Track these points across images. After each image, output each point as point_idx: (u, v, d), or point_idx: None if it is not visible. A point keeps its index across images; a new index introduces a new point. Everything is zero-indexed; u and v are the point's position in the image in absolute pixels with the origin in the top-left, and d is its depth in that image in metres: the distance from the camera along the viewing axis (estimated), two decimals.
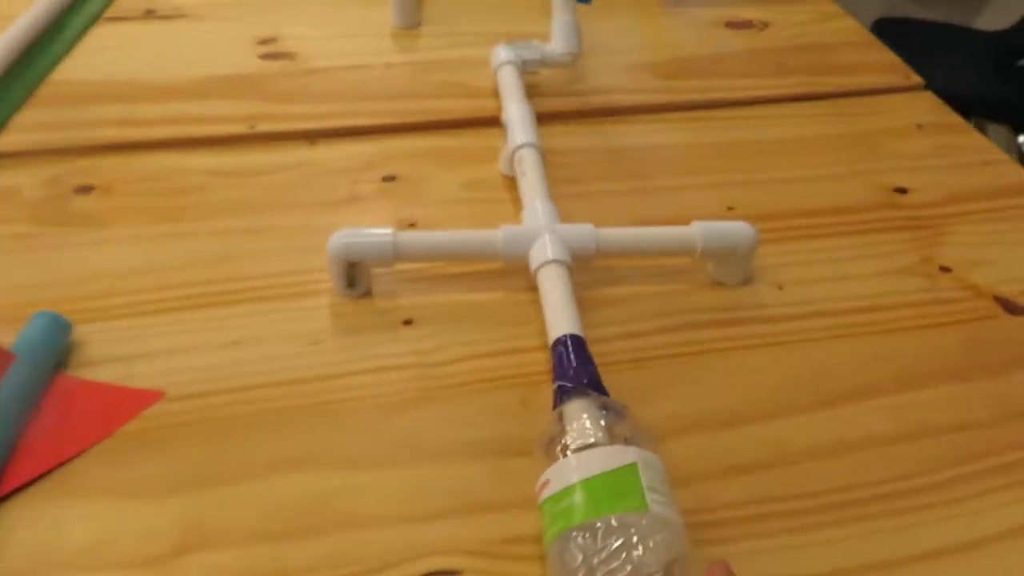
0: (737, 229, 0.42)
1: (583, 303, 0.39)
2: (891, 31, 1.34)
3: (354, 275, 0.41)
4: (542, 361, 0.39)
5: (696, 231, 0.42)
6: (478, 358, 0.39)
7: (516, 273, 0.44)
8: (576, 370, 0.34)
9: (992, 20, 1.70)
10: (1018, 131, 1.33)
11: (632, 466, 0.29)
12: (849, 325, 0.43)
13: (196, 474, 0.33)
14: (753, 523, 0.33)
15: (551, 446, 0.31)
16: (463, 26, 0.66)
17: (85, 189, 0.48)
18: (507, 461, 0.35)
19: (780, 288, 0.45)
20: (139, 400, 0.36)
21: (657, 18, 0.70)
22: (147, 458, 0.34)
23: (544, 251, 0.40)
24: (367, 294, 0.42)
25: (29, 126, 0.52)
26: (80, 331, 0.39)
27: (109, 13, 0.63)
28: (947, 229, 0.50)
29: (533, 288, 0.42)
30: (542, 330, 0.40)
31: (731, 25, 0.70)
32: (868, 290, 0.45)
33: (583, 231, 0.41)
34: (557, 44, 0.57)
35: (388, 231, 0.40)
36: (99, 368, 0.37)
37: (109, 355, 0.38)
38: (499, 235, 0.41)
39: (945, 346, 0.42)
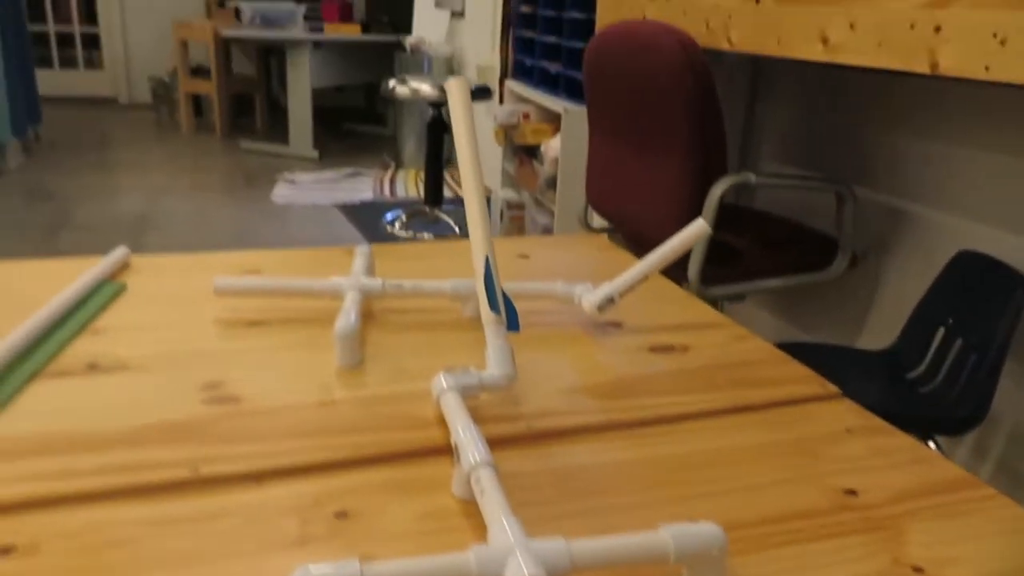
0: (706, 531, 0.42)
1: None
2: (790, 353, 1.46)
3: None
4: None
5: (667, 536, 0.41)
6: None
7: None
8: None
9: (870, 341, 1.88)
10: (925, 438, 1.41)
11: None
12: None
13: None
14: None
15: None
16: (404, 362, 0.68)
17: (5, 551, 0.44)
18: None
19: None
20: None
21: (586, 346, 0.75)
22: None
23: (519, 571, 0.38)
24: None
25: None
26: None
27: (51, 369, 0.63)
28: (905, 527, 0.50)
29: None
30: None
31: (655, 350, 0.75)
32: None
33: (556, 546, 0.40)
34: (493, 368, 0.60)
35: (354, 563, 0.37)
36: None
37: None
38: (471, 557, 0.39)
39: None
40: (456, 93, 0.65)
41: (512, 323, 0.65)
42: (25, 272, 0.83)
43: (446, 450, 0.55)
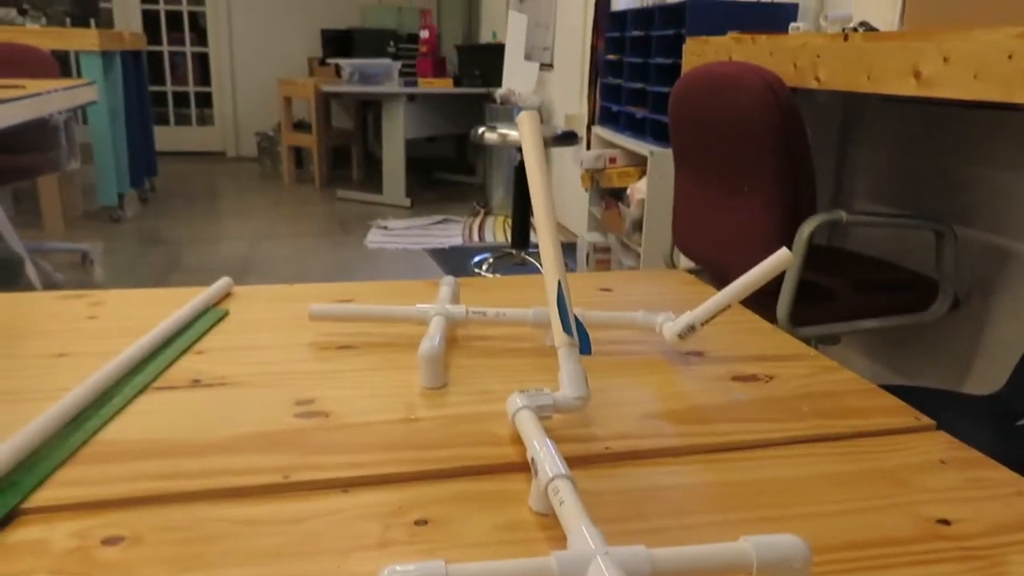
0: (789, 542, 0.41)
1: None
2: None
3: None
4: None
5: (748, 546, 0.41)
6: None
7: None
8: None
9: (975, 386, 1.79)
10: None
11: None
12: None
13: None
14: None
15: None
16: (485, 384, 0.70)
17: (113, 540, 0.47)
18: None
19: None
20: None
21: (666, 374, 0.75)
22: None
23: (601, 574, 0.38)
24: None
25: (66, 482, 0.53)
26: None
27: (158, 383, 0.68)
28: (1004, 559, 0.48)
29: None
30: None
31: (738, 379, 0.74)
32: None
33: (636, 552, 0.40)
34: (566, 389, 0.61)
35: (439, 563, 0.39)
36: None
37: None
38: (553, 561, 0.39)
39: None
40: (527, 124, 0.68)
41: (584, 346, 0.66)
42: (140, 299, 0.89)
43: (523, 467, 0.56)
